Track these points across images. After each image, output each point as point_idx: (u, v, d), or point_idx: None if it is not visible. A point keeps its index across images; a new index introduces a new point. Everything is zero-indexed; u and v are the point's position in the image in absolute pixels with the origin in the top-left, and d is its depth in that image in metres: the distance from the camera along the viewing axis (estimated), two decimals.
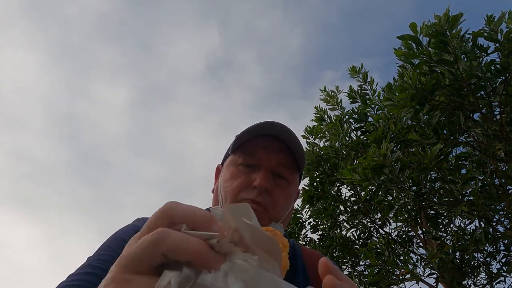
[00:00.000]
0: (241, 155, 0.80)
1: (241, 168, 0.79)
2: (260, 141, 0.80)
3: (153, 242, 0.29)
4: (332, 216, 6.22)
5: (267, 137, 0.80)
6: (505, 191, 4.26)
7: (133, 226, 0.79)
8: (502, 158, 4.38)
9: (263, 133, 0.80)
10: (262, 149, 0.79)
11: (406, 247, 5.76)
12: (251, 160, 0.79)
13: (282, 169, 0.79)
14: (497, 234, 4.43)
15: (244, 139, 0.80)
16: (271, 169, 0.78)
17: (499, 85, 3.76)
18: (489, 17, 3.53)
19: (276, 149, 0.79)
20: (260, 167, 0.78)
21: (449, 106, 4.00)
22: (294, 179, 0.83)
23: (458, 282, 4.54)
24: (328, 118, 6.99)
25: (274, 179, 0.78)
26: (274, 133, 0.79)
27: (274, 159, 0.79)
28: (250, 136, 0.79)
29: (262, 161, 0.78)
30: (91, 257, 0.70)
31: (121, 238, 0.74)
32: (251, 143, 0.80)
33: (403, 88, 4.00)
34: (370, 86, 6.35)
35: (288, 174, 0.80)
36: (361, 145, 5.91)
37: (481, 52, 3.69)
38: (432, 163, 3.82)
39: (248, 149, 0.80)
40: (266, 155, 0.79)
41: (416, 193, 4.40)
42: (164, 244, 0.29)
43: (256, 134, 0.80)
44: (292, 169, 0.81)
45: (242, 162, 0.79)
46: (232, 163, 0.81)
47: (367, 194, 5.50)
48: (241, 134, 0.82)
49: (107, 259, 0.67)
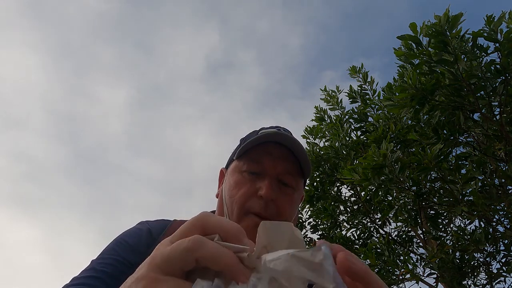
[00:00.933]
0: (246, 162, 0.80)
1: (245, 175, 0.79)
2: (265, 148, 0.79)
3: (190, 248, 0.31)
4: (332, 216, 6.22)
5: (272, 143, 0.79)
6: (505, 191, 4.26)
7: (137, 229, 0.80)
8: (502, 158, 4.38)
9: (268, 140, 0.79)
10: (267, 156, 0.79)
11: (406, 247, 5.76)
12: (256, 167, 0.78)
13: (287, 177, 0.79)
14: (497, 234, 4.43)
15: (250, 146, 0.79)
16: (277, 177, 0.78)
17: (499, 85, 3.76)
18: (489, 17, 3.53)
19: (281, 156, 0.79)
20: (265, 175, 0.78)
21: (449, 106, 4.00)
22: (299, 185, 0.83)
23: (458, 282, 4.54)
24: (328, 118, 7.00)
25: (279, 186, 0.78)
26: (279, 140, 0.79)
27: (279, 166, 0.78)
28: (255, 142, 0.79)
29: (267, 168, 0.78)
30: (94, 260, 0.70)
31: (125, 241, 0.75)
32: (256, 150, 0.80)
33: (403, 88, 4.00)
34: (370, 86, 6.36)
35: (293, 181, 0.80)
36: (361, 145, 5.91)
37: (481, 52, 3.69)
38: (432, 163, 3.82)
39: (253, 155, 0.79)
40: (271, 162, 0.78)
41: (416, 193, 4.40)
42: (199, 252, 0.31)
43: (262, 141, 0.79)
44: (297, 176, 0.81)
45: (247, 169, 0.79)
46: (237, 170, 0.81)
47: (367, 194, 5.50)
48: (247, 141, 0.81)
49: (111, 263, 0.68)
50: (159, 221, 0.84)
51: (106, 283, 0.65)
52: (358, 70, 6.46)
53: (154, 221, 0.84)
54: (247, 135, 0.91)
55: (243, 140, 0.88)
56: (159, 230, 0.80)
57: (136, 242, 0.75)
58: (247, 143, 0.79)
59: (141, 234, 0.77)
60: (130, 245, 0.74)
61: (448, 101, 3.95)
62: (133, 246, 0.74)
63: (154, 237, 0.77)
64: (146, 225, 0.81)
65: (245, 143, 0.80)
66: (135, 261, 0.71)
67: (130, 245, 0.74)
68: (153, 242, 0.71)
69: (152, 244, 0.68)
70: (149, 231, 0.79)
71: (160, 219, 0.85)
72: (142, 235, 0.77)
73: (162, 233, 0.79)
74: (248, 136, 0.89)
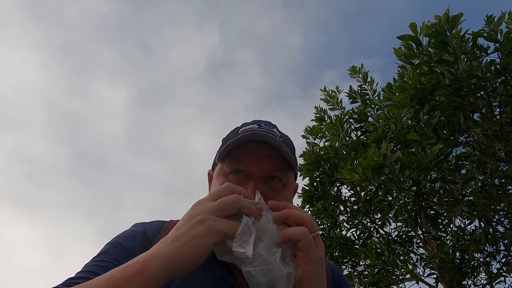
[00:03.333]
0: (229, 164, 0.78)
1: (230, 177, 0.77)
2: (247, 147, 0.77)
3: (236, 200, 0.58)
4: (332, 216, 6.22)
5: (253, 142, 0.76)
6: (505, 191, 4.26)
7: (131, 231, 0.79)
8: (502, 158, 4.39)
9: (248, 139, 0.76)
10: (250, 155, 0.76)
11: (406, 247, 5.76)
12: (240, 167, 0.76)
13: (274, 173, 0.77)
14: (497, 234, 4.43)
15: (231, 147, 0.77)
16: (263, 175, 0.76)
17: (499, 85, 3.76)
18: (489, 17, 3.53)
19: (264, 154, 0.76)
20: (250, 175, 0.76)
21: (449, 106, 4.00)
22: (289, 179, 0.80)
23: (458, 282, 4.54)
24: (328, 118, 7.00)
25: (267, 183, 0.76)
26: (259, 138, 0.76)
27: (264, 165, 0.76)
28: (236, 143, 0.76)
29: (251, 168, 0.76)
30: (89, 263, 0.69)
31: (119, 244, 0.74)
32: (238, 150, 0.77)
33: (403, 88, 4.00)
34: (370, 86, 6.36)
35: (282, 176, 0.78)
36: (361, 145, 5.92)
37: (481, 52, 3.69)
38: (432, 163, 3.82)
39: (236, 156, 0.77)
40: (255, 162, 0.76)
41: (416, 193, 4.40)
42: (241, 203, 0.58)
43: (242, 141, 0.76)
44: (285, 171, 0.79)
45: (230, 171, 0.77)
46: (221, 173, 0.79)
47: (367, 194, 5.50)
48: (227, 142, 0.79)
49: (105, 265, 0.67)
50: (154, 223, 0.82)
51: None
52: (358, 70, 6.46)
53: (149, 222, 0.83)
54: (228, 134, 0.88)
55: (225, 140, 0.86)
56: (155, 231, 0.78)
57: (130, 245, 0.73)
58: (227, 145, 0.77)
59: (136, 237, 0.76)
60: (124, 248, 0.73)
61: (448, 101, 3.95)
62: (127, 249, 0.72)
63: (149, 239, 0.76)
64: (141, 227, 0.79)
65: (226, 145, 0.77)
66: None
67: (124, 248, 0.73)
68: (149, 244, 0.70)
69: (147, 246, 0.67)
70: (144, 233, 0.77)
71: (155, 220, 0.83)
72: (136, 238, 0.76)
73: (158, 234, 0.77)
74: (229, 135, 0.86)
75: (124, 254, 0.71)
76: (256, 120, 0.86)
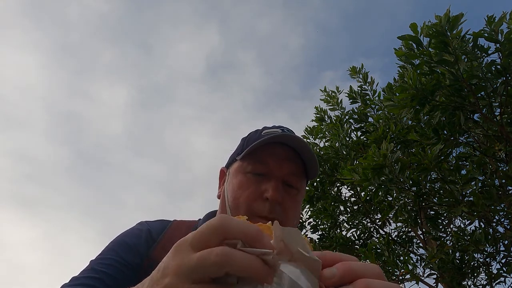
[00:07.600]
0: (251, 163, 0.78)
1: (250, 176, 0.77)
2: (270, 149, 0.77)
3: (219, 263, 0.32)
4: (332, 216, 6.22)
5: (277, 144, 0.77)
6: (505, 191, 4.25)
7: (136, 229, 0.79)
8: (502, 158, 4.38)
9: (274, 141, 0.77)
10: (272, 157, 0.77)
11: (406, 247, 5.76)
12: (261, 169, 0.76)
13: (292, 178, 0.78)
14: (497, 235, 4.42)
15: (255, 147, 0.77)
16: (282, 178, 0.76)
17: (499, 86, 3.76)
18: (490, 18, 3.52)
19: (287, 157, 0.77)
20: (270, 176, 0.76)
21: (449, 106, 4.00)
22: (303, 186, 0.81)
23: (458, 283, 4.53)
24: (328, 118, 6.99)
25: (284, 188, 0.76)
26: (285, 140, 0.77)
27: (285, 167, 0.77)
28: (261, 143, 0.76)
29: (273, 170, 0.76)
30: (93, 261, 0.70)
31: (124, 242, 0.74)
32: (261, 151, 0.77)
33: (404, 89, 3.99)
34: (370, 86, 6.35)
35: (298, 183, 0.79)
36: (361, 145, 5.91)
37: (482, 53, 3.69)
38: (432, 164, 3.82)
39: (258, 156, 0.77)
40: (277, 164, 0.76)
41: (416, 194, 4.40)
42: (229, 266, 0.32)
43: (268, 142, 0.77)
44: (302, 177, 0.80)
45: (251, 170, 0.77)
46: (241, 170, 0.79)
47: (367, 194, 5.50)
48: (250, 141, 0.80)
49: (110, 263, 0.67)
50: (158, 222, 0.83)
51: (105, 284, 0.65)
52: (358, 71, 6.45)
53: (154, 221, 0.83)
54: (249, 134, 0.88)
55: (245, 140, 0.86)
56: (159, 230, 0.79)
57: (135, 243, 0.74)
58: (253, 144, 0.77)
59: (141, 235, 0.77)
60: (130, 245, 0.74)
61: (449, 101, 3.95)
62: (133, 246, 0.73)
63: (154, 237, 0.77)
64: (146, 226, 0.80)
65: (251, 144, 0.78)
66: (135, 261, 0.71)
67: (129, 246, 0.73)
68: (153, 242, 0.70)
69: (152, 244, 0.67)
70: (149, 232, 0.78)
71: (159, 219, 0.84)
72: (141, 236, 0.77)
73: (162, 233, 0.78)
74: (251, 135, 0.86)
75: (129, 252, 0.72)
76: (277, 126, 0.87)
